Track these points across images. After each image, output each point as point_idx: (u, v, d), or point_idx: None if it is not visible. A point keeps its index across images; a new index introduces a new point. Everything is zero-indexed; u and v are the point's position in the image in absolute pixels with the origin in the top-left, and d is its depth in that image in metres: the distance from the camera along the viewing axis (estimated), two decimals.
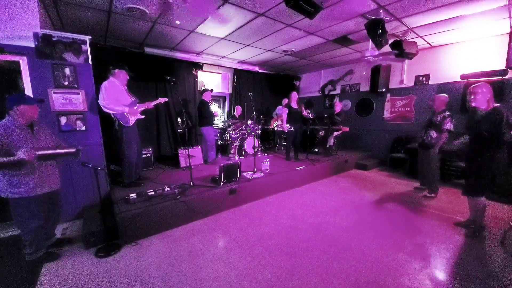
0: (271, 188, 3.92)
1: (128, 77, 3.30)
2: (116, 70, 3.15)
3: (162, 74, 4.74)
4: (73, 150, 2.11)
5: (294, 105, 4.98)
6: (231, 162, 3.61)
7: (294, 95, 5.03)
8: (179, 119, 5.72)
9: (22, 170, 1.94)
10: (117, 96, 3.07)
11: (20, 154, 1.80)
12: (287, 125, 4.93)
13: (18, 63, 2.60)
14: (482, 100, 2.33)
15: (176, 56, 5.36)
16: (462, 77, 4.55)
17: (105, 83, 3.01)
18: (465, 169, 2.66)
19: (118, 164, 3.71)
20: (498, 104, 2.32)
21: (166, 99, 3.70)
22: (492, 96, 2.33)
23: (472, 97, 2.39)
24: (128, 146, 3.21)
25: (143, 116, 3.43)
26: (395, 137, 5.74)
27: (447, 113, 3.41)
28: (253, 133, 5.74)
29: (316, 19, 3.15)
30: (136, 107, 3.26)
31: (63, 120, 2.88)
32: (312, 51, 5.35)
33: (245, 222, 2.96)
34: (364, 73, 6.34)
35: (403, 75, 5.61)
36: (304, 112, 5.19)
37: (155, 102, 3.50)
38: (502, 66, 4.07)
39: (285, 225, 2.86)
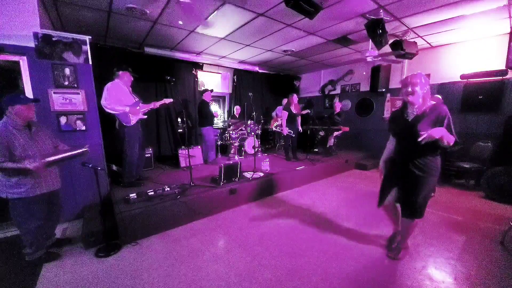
0: (271, 189, 3.92)
1: (132, 78, 3.34)
2: (120, 72, 3.20)
3: (162, 74, 4.73)
4: (81, 150, 2.10)
5: (293, 109, 4.93)
6: (231, 162, 3.62)
7: (294, 99, 4.96)
8: (179, 119, 5.72)
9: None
10: (119, 97, 3.10)
11: (27, 165, 1.80)
12: (287, 128, 4.90)
13: (18, 63, 2.60)
14: (421, 94, 1.79)
15: (176, 56, 5.35)
16: (462, 77, 4.54)
17: (108, 85, 3.08)
18: (399, 182, 2.02)
19: (119, 164, 3.71)
20: (435, 102, 1.84)
21: (172, 100, 3.69)
22: (429, 90, 1.82)
23: (410, 89, 1.80)
24: (129, 145, 3.22)
25: (146, 116, 3.44)
26: None
27: None
28: (253, 133, 5.74)
29: (316, 19, 3.15)
30: (138, 107, 3.26)
31: (63, 120, 2.88)
32: (312, 51, 5.34)
33: (245, 222, 2.96)
34: (364, 73, 6.34)
35: (403, 75, 5.60)
36: (303, 112, 5.19)
37: (160, 103, 3.49)
38: (502, 66, 4.06)
39: (285, 225, 2.86)
